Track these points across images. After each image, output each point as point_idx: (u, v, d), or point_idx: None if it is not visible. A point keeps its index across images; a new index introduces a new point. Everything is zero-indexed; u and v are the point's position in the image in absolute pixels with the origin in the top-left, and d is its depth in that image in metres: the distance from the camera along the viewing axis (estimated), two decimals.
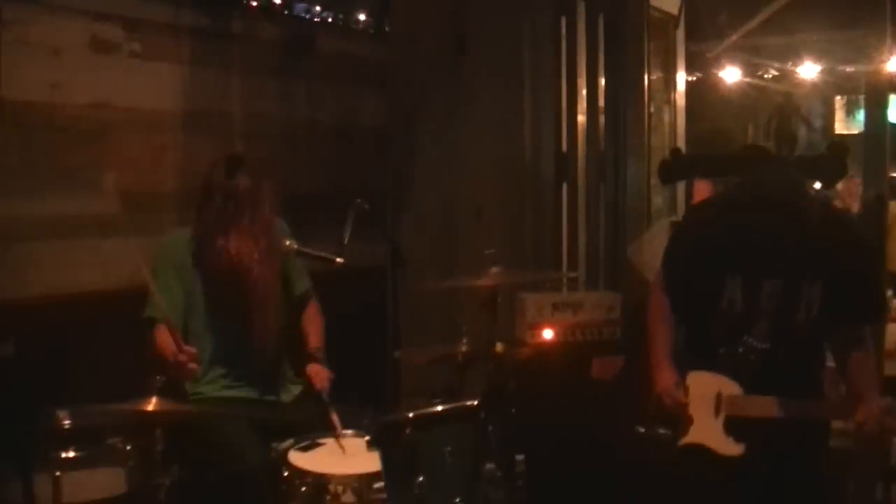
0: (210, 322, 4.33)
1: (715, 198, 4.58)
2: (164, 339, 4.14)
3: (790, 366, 3.81)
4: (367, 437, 3.64)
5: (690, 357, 3.95)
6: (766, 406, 3.70)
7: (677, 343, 4.03)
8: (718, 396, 3.81)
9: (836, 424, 4.19)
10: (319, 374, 4.41)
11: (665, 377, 3.90)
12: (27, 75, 4.49)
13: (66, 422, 3.61)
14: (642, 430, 3.98)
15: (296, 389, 4.49)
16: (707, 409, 3.83)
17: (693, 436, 3.85)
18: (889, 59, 5.32)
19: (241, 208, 4.23)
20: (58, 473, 3.42)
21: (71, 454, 3.47)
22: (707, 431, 3.82)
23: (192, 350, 3.95)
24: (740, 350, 3.84)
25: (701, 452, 3.81)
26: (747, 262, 3.78)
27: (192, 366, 3.92)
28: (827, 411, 3.84)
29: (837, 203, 7.82)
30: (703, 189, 7.23)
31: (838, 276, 3.72)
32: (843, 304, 3.73)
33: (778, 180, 3.82)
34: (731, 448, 3.76)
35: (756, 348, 3.82)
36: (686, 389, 3.90)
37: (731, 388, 3.80)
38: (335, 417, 4.00)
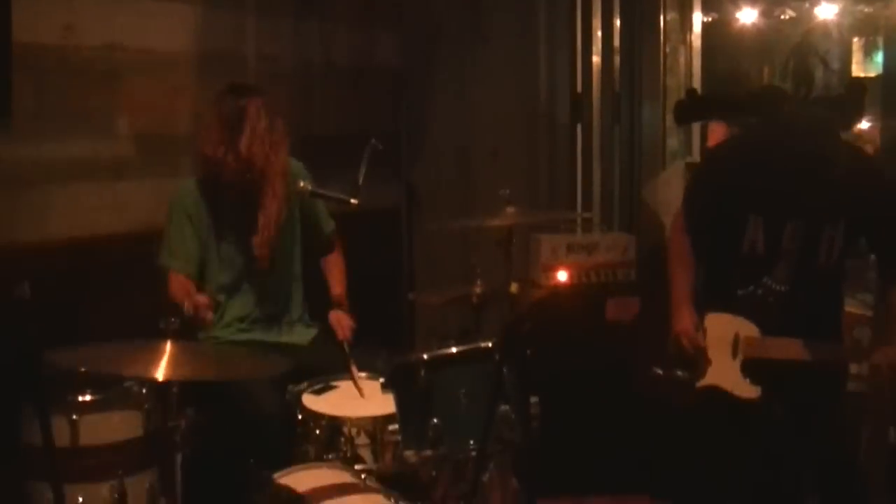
0: (224, 264, 4.35)
1: (735, 138, 4.56)
2: (178, 288, 4.17)
3: (809, 308, 3.81)
4: (381, 380, 3.63)
5: (709, 299, 3.95)
6: (783, 348, 3.71)
7: (697, 285, 4.02)
8: (736, 338, 3.83)
9: (851, 368, 4.21)
10: (342, 322, 4.43)
11: (684, 319, 3.91)
12: (39, 17, 4.45)
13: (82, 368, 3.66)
14: (660, 371, 3.98)
15: (311, 332, 4.50)
16: (725, 351, 3.85)
17: (710, 378, 3.87)
18: None
19: (252, 118, 4.23)
20: (75, 416, 3.44)
21: (88, 397, 3.49)
22: (724, 373, 3.84)
23: (206, 299, 3.97)
24: (759, 292, 3.85)
25: (718, 394, 3.84)
26: (769, 203, 3.77)
27: (208, 315, 3.94)
28: (845, 354, 3.87)
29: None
30: (717, 131, 7.17)
31: (862, 215, 3.74)
32: (874, 233, 3.79)
33: (798, 119, 3.79)
34: (747, 390, 3.79)
35: (775, 290, 3.83)
36: (704, 331, 3.90)
37: (749, 329, 3.81)
38: (355, 369, 4.01)
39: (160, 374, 2.99)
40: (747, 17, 11.73)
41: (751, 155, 3.90)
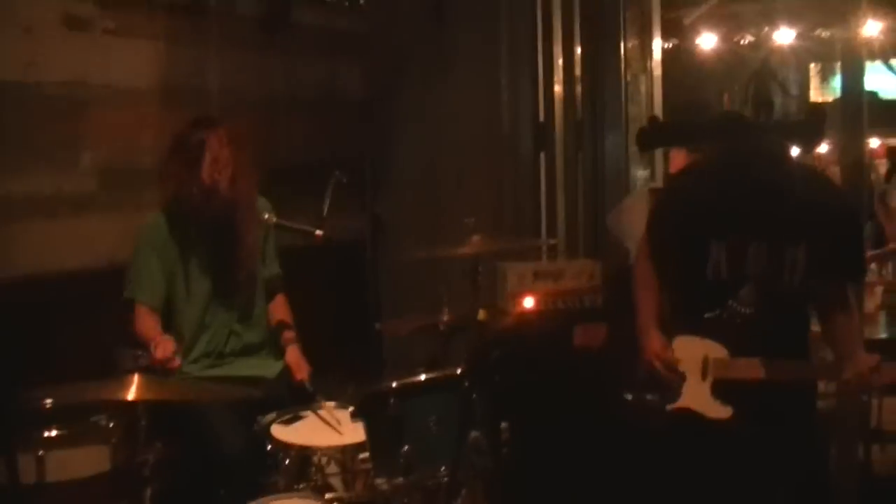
0: (192, 298, 4.32)
1: (696, 165, 4.58)
2: (144, 325, 4.15)
3: (776, 329, 3.82)
4: (350, 409, 3.63)
5: (676, 323, 3.95)
6: (752, 368, 3.72)
7: (663, 310, 4.03)
8: (705, 360, 3.83)
9: (820, 386, 4.23)
10: (300, 365, 4.42)
11: (654, 341, 3.91)
12: (1, 54, 4.45)
13: (48, 401, 3.62)
14: (629, 396, 3.98)
15: (279, 365, 4.48)
16: (695, 373, 3.84)
17: (681, 400, 3.86)
18: (864, 24, 5.31)
19: (217, 150, 4.23)
20: (41, 452, 3.41)
21: (54, 433, 3.46)
22: (695, 395, 3.83)
23: (171, 345, 3.94)
24: (725, 315, 3.84)
25: (689, 417, 3.83)
26: (732, 228, 3.77)
27: (175, 363, 3.92)
28: (814, 371, 3.88)
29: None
30: (678, 157, 7.22)
31: (822, 238, 3.72)
32: (828, 264, 3.74)
33: (759, 145, 3.82)
34: (718, 411, 3.78)
35: (741, 312, 3.82)
36: (672, 354, 3.91)
37: (717, 351, 3.82)
38: (327, 406, 4.00)
39: (130, 395, 2.98)
40: (707, 42, 11.85)
41: (712, 180, 3.90)
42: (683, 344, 3.91)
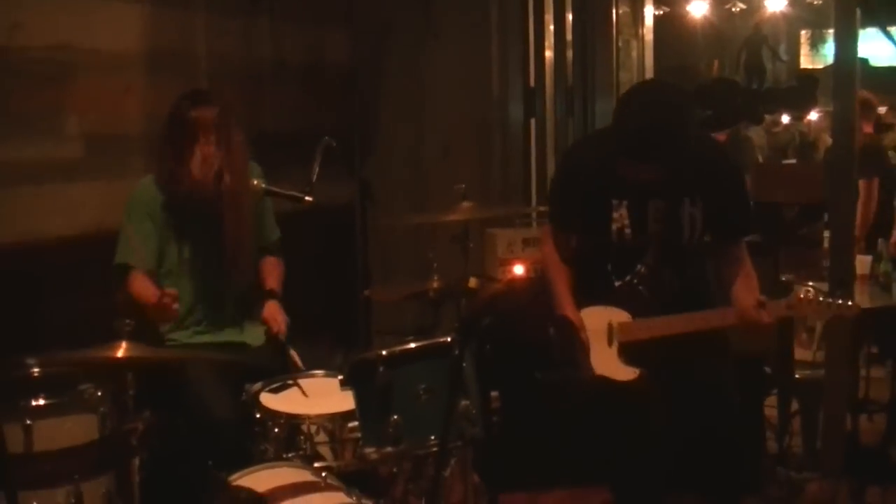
0: (182, 264, 4.30)
1: (596, 131, 4.65)
2: (142, 284, 4.11)
3: (677, 286, 3.98)
4: (339, 377, 3.60)
5: (584, 296, 4.04)
6: (653, 327, 3.86)
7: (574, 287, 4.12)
8: (609, 326, 3.95)
9: (805, 356, 4.30)
10: (276, 316, 4.38)
11: (567, 307, 4.01)
12: None
13: (35, 369, 3.60)
14: (538, 375, 4.07)
15: (263, 333, 4.46)
16: (601, 341, 3.96)
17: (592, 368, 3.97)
18: None
19: (207, 134, 4.18)
20: (28, 422, 3.37)
21: (41, 402, 3.43)
22: (604, 362, 3.95)
23: (174, 291, 3.91)
24: (634, 281, 3.96)
25: (602, 383, 3.94)
26: (630, 186, 3.84)
27: (175, 306, 3.89)
28: (706, 321, 3.90)
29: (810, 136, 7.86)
30: None
31: (716, 195, 3.87)
32: (723, 220, 3.91)
33: (656, 105, 3.79)
34: (626, 373, 3.91)
35: (647, 275, 3.95)
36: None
37: (620, 316, 3.94)
38: (296, 357, 3.98)
39: (119, 353, 2.96)
40: (698, 9, 11.84)
41: (608, 142, 3.87)
42: (588, 314, 4.00)
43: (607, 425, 4.03)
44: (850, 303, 3.78)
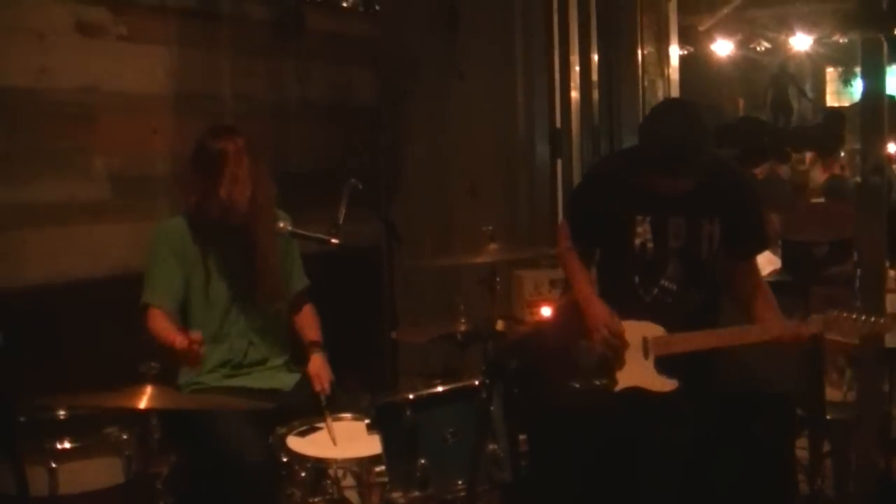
0: (211, 303, 4.27)
1: (619, 151, 4.70)
2: (161, 325, 4.08)
3: (698, 300, 4.05)
4: (366, 420, 3.57)
5: (613, 306, 4.04)
6: (689, 341, 3.90)
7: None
8: (645, 340, 3.96)
9: (834, 397, 4.29)
10: (320, 375, 4.32)
11: (599, 309, 4.02)
12: (12, 60, 4.42)
13: (61, 412, 3.58)
14: (577, 385, 4.03)
15: (295, 377, 4.42)
16: (637, 354, 3.97)
17: (628, 380, 3.98)
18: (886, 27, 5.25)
19: (234, 162, 4.17)
20: (53, 465, 3.36)
21: (66, 445, 3.41)
22: (640, 374, 3.96)
23: (199, 336, 3.88)
24: (659, 294, 4.03)
25: (637, 394, 3.95)
26: (652, 203, 3.93)
27: (202, 351, 3.86)
28: (749, 334, 3.94)
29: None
30: None
31: (732, 213, 3.99)
32: (739, 237, 4.02)
33: (688, 120, 3.84)
34: (664, 384, 3.93)
35: (671, 290, 4.02)
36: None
37: (654, 330, 3.96)
38: (330, 422, 3.94)
39: (142, 404, 2.95)
40: (723, 49, 11.82)
41: (630, 161, 4.02)
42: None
43: (640, 433, 3.95)
44: (881, 319, 3.81)
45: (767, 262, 5.44)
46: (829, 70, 14.32)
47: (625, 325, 3.98)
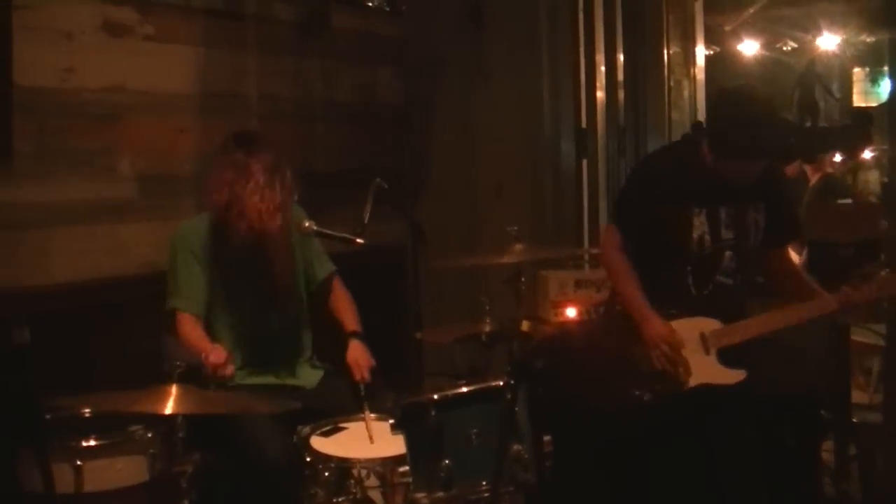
0: (232, 305, 4.28)
1: (671, 143, 4.72)
2: (195, 332, 4.10)
3: (744, 291, 4.15)
4: (391, 420, 3.57)
5: (665, 306, 4.06)
6: (748, 328, 3.98)
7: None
8: (702, 336, 3.99)
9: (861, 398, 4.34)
10: (361, 362, 4.30)
11: (658, 325, 4.01)
12: (40, 60, 4.43)
13: (86, 410, 3.60)
14: (647, 396, 4.03)
15: (318, 374, 4.43)
16: (697, 351, 3.99)
17: (694, 378, 3.98)
18: None
19: (263, 177, 4.18)
20: (78, 462, 3.37)
21: (92, 442, 3.42)
22: (705, 370, 3.98)
23: (222, 354, 3.88)
24: (712, 288, 4.08)
25: (706, 391, 3.96)
26: (705, 195, 4.02)
27: (228, 370, 3.87)
28: (807, 311, 4.02)
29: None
30: None
31: (774, 202, 4.10)
32: (780, 224, 4.14)
33: (762, 107, 3.97)
34: (732, 376, 3.95)
35: (725, 283, 4.08)
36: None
37: (710, 324, 4.01)
38: (368, 414, 3.93)
39: (167, 410, 2.97)
40: (749, 48, 11.76)
41: (679, 156, 4.17)
42: (677, 328, 4.02)
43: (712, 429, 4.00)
44: None
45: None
46: (856, 70, 14.22)
47: (679, 323, 4.01)
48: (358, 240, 4.04)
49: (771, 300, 4.20)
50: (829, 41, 11.41)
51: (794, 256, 5.61)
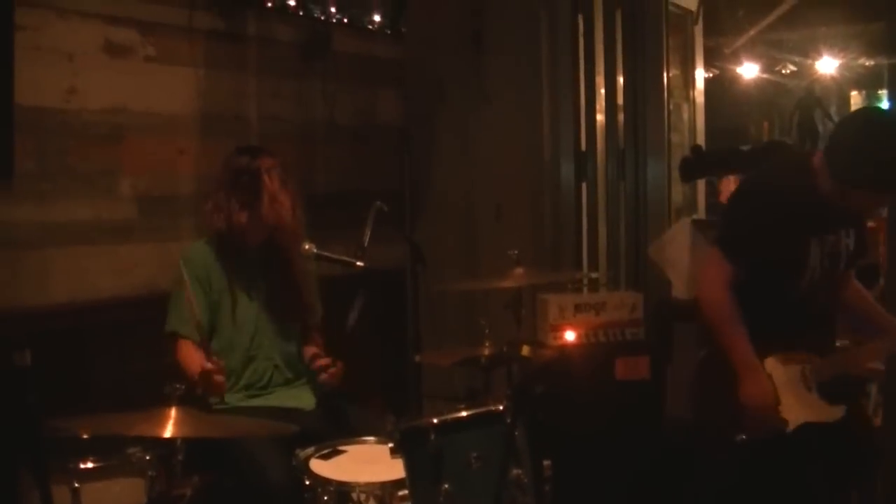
0: (238, 323, 4.27)
1: (788, 165, 4.41)
2: (187, 355, 4.10)
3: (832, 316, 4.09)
4: (390, 444, 3.56)
5: (770, 340, 3.94)
6: (848, 359, 3.99)
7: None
8: (803, 372, 3.91)
9: None
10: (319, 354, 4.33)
11: (759, 383, 3.89)
12: (42, 81, 4.45)
13: (85, 432, 3.58)
14: (742, 437, 3.95)
15: (315, 398, 4.42)
16: (799, 388, 3.90)
17: (798, 417, 3.87)
18: None
19: (268, 180, 4.19)
20: (76, 484, 3.37)
21: (90, 465, 3.42)
22: (810, 408, 3.88)
23: (220, 362, 3.88)
24: (814, 318, 3.98)
25: (810, 431, 3.86)
26: (818, 223, 3.90)
27: (220, 378, 3.86)
28: None
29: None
30: (730, 185, 7.18)
31: (858, 225, 4.02)
32: (861, 245, 4.04)
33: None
34: (835, 412, 3.86)
35: (825, 312, 4.03)
36: (769, 378, 3.92)
37: (809, 358, 3.93)
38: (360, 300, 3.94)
39: (166, 433, 2.99)
40: (749, 71, 11.78)
41: (794, 183, 3.91)
42: (775, 365, 3.94)
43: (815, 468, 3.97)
44: None
45: None
46: (854, 93, 14.26)
47: (775, 361, 3.93)
48: (358, 263, 4.04)
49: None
50: (828, 65, 11.43)
51: None
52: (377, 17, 6.54)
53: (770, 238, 3.86)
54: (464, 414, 3.51)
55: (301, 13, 5.91)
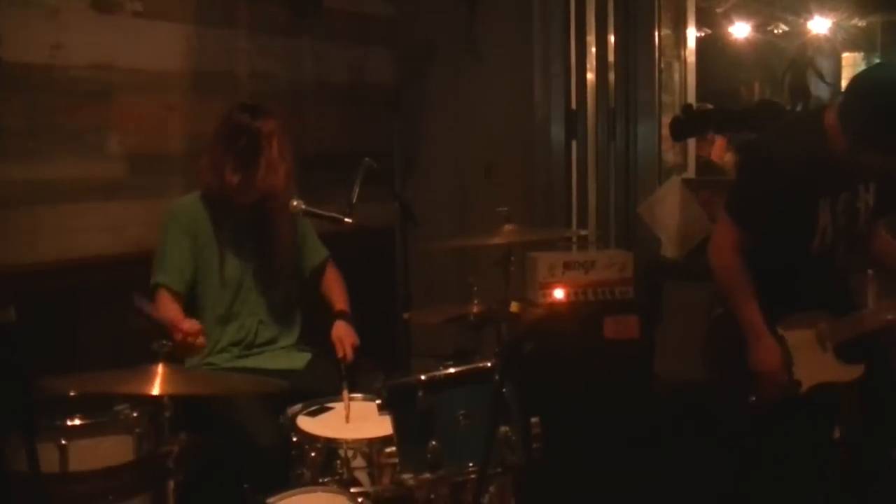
0: (224, 280, 4.26)
1: (792, 125, 4.34)
2: (165, 307, 4.08)
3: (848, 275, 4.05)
4: (378, 401, 3.56)
5: (778, 303, 3.93)
6: (865, 320, 3.88)
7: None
8: (818, 332, 3.91)
9: None
10: (345, 340, 4.32)
11: (769, 349, 3.89)
12: (27, 37, 4.40)
13: (72, 391, 3.58)
14: (752, 398, 3.95)
15: (306, 357, 4.42)
16: (814, 349, 3.90)
17: (812, 378, 3.89)
18: None
19: (267, 146, 4.16)
20: (64, 441, 3.35)
21: (77, 422, 3.41)
22: (824, 368, 3.89)
23: (196, 325, 3.87)
24: (826, 281, 3.94)
25: (824, 391, 3.88)
26: (829, 183, 3.82)
27: (199, 340, 3.85)
28: None
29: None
30: (720, 144, 7.16)
31: (882, 179, 3.89)
32: (886, 199, 3.93)
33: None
34: (852, 372, 3.87)
35: (839, 274, 3.99)
36: (783, 340, 3.92)
37: (823, 319, 3.91)
38: (346, 393, 3.92)
39: (155, 390, 2.98)
40: (741, 31, 11.74)
41: (798, 143, 3.83)
42: (789, 327, 3.93)
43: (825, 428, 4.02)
44: None
45: None
46: (846, 55, 14.20)
47: (789, 323, 3.92)
48: (346, 219, 4.03)
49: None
50: (820, 24, 11.39)
51: None
52: None
53: (775, 202, 3.83)
54: (452, 371, 3.51)
55: None
